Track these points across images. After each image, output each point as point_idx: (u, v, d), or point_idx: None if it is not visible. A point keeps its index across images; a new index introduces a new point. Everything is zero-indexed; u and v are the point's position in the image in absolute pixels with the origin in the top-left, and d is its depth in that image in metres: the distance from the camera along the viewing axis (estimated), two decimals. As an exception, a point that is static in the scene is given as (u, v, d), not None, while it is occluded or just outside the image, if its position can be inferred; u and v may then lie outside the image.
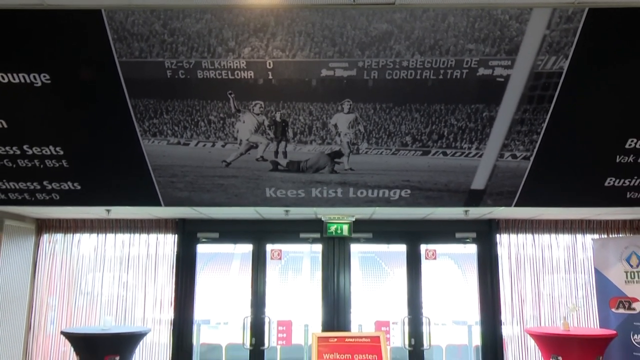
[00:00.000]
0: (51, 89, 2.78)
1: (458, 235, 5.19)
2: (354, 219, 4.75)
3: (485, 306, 5.07)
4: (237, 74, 2.73)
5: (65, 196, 3.52)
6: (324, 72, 2.74)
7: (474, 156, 3.23)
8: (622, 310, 4.55)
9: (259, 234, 5.20)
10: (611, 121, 3.05)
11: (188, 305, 5.07)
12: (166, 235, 5.18)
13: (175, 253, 5.13)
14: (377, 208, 3.89)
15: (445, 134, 3.11)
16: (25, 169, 3.30)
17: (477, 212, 4.62)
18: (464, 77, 2.74)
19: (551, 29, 2.52)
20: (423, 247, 5.19)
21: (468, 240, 5.21)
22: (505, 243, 5.15)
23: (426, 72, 2.72)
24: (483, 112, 2.98)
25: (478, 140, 3.14)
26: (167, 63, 2.69)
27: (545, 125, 3.02)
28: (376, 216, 4.81)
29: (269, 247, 5.21)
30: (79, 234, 5.21)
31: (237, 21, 2.52)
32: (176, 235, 5.15)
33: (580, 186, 3.45)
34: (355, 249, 5.81)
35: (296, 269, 9.17)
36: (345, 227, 4.71)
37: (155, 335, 4.96)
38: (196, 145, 3.18)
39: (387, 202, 3.57)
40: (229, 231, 5.24)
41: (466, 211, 4.35)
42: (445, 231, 5.17)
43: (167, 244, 5.17)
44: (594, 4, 2.40)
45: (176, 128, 3.09)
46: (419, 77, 2.74)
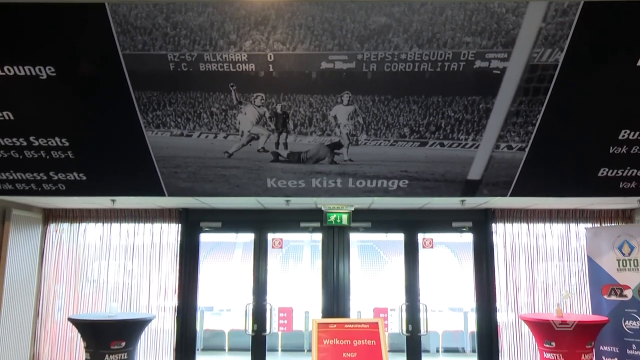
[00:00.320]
0: (56, 81, 2.82)
1: (455, 225, 5.27)
2: (353, 209, 4.81)
3: (481, 293, 5.16)
4: (239, 66, 2.77)
5: (71, 186, 3.57)
6: (324, 65, 2.77)
7: (470, 147, 3.28)
8: (614, 297, 4.63)
9: (260, 223, 5.28)
10: (605, 113, 3.09)
11: (191, 293, 5.16)
12: (170, 225, 5.25)
13: (179, 242, 5.20)
14: (376, 198, 3.94)
15: (443, 125, 3.16)
16: (32, 159, 3.36)
17: (473, 202, 4.67)
18: (461, 69, 2.77)
19: (547, 22, 2.56)
20: (420, 236, 5.27)
21: (464, 230, 5.28)
22: (501, 232, 5.22)
23: (424, 65, 2.76)
24: (480, 104, 3.03)
25: (474, 131, 3.19)
26: (170, 56, 2.73)
27: (540, 117, 3.06)
28: (375, 206, 4.87)
29: (270, 236, 5.28)
30: (84, 224, 5.28)
31: (239, 14, 2.55)
32: (180, 225, 5.22)
33: (574, 176, 3.50)
34: (355, 237, 5.86)
35: (297, 257, 9.30)
36: (345, 217, 4.79)
37: (159, 322, 5.07)
38: (199, 136, 3.22)
39: (386, 192, 3.63)
40: (231, 220, 5.31)
41: (462, 201, 4.39)
42: (442, 220, 5.24)
43: (171, 233, 5.24)
44: (589, -3, 2.43)
45: (179, 120, 3.14)
46: (416, 70, 2.78)
